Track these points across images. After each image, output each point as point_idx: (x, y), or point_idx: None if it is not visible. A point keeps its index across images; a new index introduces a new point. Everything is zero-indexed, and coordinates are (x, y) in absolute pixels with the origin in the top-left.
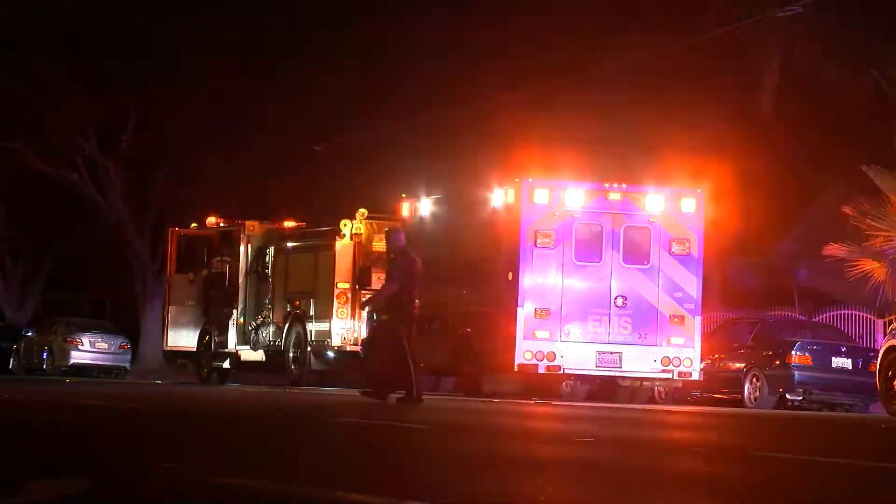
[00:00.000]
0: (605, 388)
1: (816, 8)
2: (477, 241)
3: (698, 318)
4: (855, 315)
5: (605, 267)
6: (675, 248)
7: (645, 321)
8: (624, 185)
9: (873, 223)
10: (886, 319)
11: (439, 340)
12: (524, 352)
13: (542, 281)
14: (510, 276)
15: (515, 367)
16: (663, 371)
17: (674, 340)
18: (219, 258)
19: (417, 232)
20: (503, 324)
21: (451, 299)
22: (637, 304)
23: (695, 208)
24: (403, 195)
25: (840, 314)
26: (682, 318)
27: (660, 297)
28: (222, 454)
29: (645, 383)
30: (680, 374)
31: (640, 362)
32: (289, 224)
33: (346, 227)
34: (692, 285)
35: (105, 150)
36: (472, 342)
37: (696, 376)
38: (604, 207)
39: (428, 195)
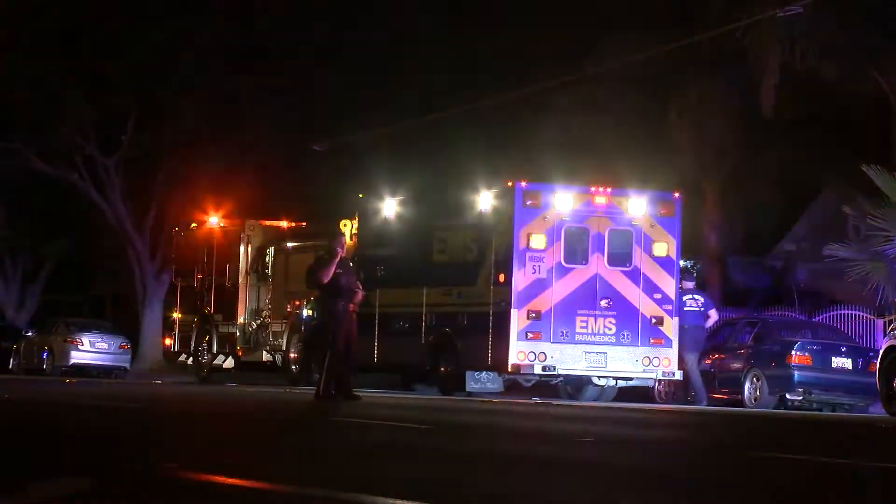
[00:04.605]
0: (574, 385)
1: (816, 8)
2: (459, 242)
3: (676, 319)
4: (855, 315)
5: (591, 269)
6: (655, 251)
7: (627, 322)
8: (609, 189)
9: (873, 223)
10: (886, 319)
11: (412, 339)
12: (517, 352)
13: (533, 283)
14: (501, 277)
15: (509, 367)
16: (645, 371)
17: (654, 341)
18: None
19: (380, 232)
20: (493, 324)
21: (426, 299)
22: (620, 306)
23: (673, 212)
24: (361, 195)
25: (840, 314)
26: (661, 318)
27: (641, 298)
28: (222, 454)
29: (620, 382)
30: (664, 373)
31: (624, 362)
32: (289, 224)
33: (345, 227)
34: (670, 287)
35: (105, 150)
36: (454, 342)
37: (678, 376)
38: (590, 211)
39: (392, 195)
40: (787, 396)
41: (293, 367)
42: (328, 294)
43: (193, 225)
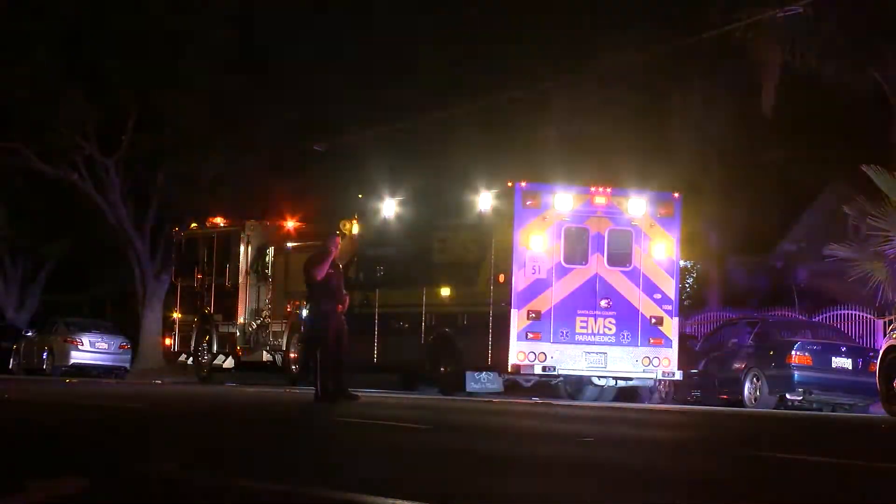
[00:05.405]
0: (574, 385)
1: (816, 8)
2: (459, 242)
3: (676, 320)
4: (855, 315)
5: (591, 269)
6: (655, 251)
7: (627, 322)
8: (609, 189)
9: (873, 223)
10: (886, 319)
11: (412, 339)
12: (517, 352)
13: (533, 283)
14: (501, 278)
15: (510, 367)
16: (645, 371)
17: (654, 341)
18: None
19: (380, 232)
20: (493, 324)
21: (426, 299)
22: (620, 306)
23: (673, 212)
24: (361, 195)
25: (840, 314)
26: (661, 319)
27: (641, 298)
28: (222, 454)
29: (619, 382)
30: (664, 373)
31: (624, 362)
32: (289, 224)
33: (346, 227)
34: (670, 287)
35: (105, 150)
36: (454, 342)
37: (678, 376)
38: (590, 211)
39: (392, 195)
40: (787, 396)
41: (293, 367)
42: (318, 293)
43: (194, 225)
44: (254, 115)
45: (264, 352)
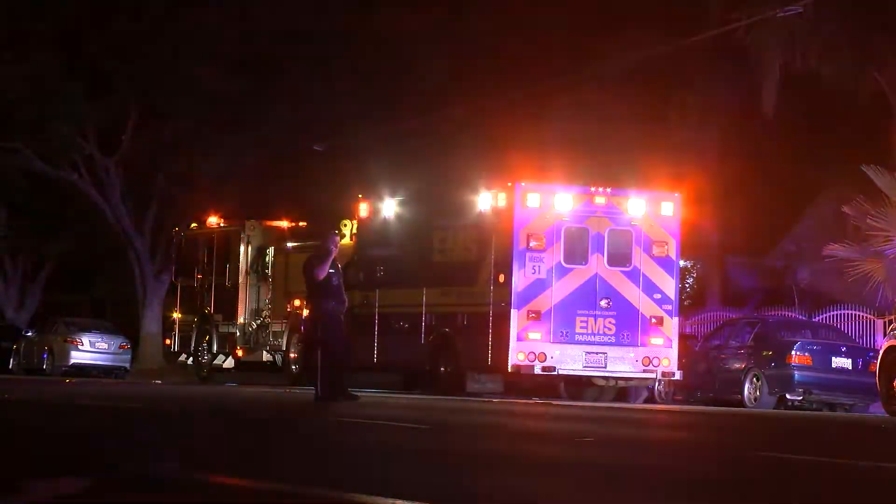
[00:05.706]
0: (574, 385)
1: (816, 8)
2: (459, 242)
3: (676, 319)
4: (855, 315)
5: (591, 269)
6: (655, 251)
7: (627, 322)
8: (608, 189)
9: (873, 223)
10: (886, 319)
11: (412, 339)
12: (517, 353)
13: (533, 283)
14: (501, 278)
15: (509, 367)
16: (645, 371)
17: (653, 341)
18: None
19: (380, 232)
20: (493, 324)
21: (426, 299)
22: (620, 306)
23: (673, 212)
24: (360, 195)
25: (840, 314)
26: (661, 318)
27: (641, 298)
28: (222, 454)
29: (620, 383)
30: (663, 373)
31: (623, 362)
32: (289, 224)
33: (345, 227)
34: (670, 287)
35: (105, 150)
36: (454, 342)
37: (678, 376)
38: (590, 211)
39: (392, 196)
40: (787, 396)
41: (293, 367)
42: (319, 293)
43: (194, 225)
44: (254, 115)
45: (264, 352)
